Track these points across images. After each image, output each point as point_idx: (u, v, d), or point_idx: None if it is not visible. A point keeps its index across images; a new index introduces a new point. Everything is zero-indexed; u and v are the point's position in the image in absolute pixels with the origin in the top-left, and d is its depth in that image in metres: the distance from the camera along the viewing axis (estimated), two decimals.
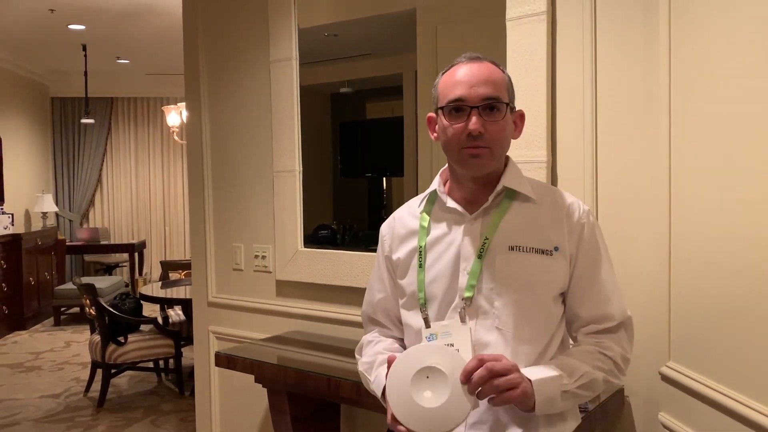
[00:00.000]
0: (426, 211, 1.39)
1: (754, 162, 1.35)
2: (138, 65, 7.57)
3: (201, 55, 2.88)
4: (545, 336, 1.30)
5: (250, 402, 2.74)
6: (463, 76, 1.28)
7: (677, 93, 1.66)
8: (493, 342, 1.27)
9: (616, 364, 1.29)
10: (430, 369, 1.15)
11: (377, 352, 1.42)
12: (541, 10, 1.93)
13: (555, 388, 1.20)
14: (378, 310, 1.49)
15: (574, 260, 1.31)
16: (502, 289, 1.27)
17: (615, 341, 1.30)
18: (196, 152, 2.93)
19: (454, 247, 1.32)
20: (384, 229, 1.49)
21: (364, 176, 3.05)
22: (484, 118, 1.25)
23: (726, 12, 1.45)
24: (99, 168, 8.56)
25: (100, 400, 4.26)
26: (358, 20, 2.70)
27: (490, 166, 1.30)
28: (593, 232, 1.33)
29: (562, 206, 1.32)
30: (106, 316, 4.23)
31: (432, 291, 1.33)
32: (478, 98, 1.25)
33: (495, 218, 1.31)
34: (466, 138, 1.26)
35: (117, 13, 5.45)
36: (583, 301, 1.31)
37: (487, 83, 1.27)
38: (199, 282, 2.96)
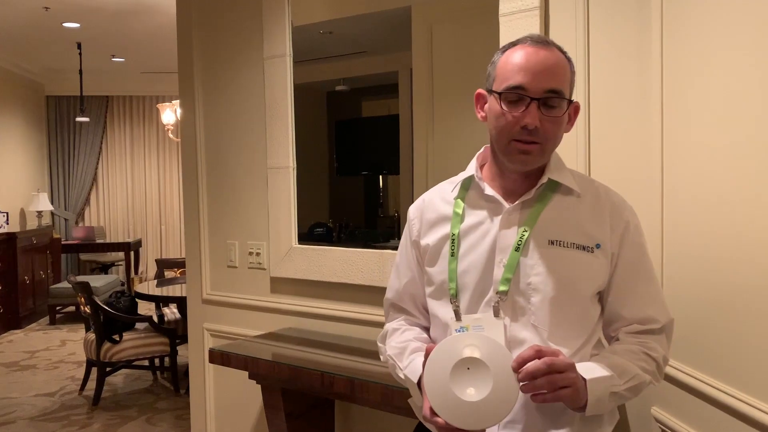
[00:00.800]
0: (461, 197, 1.30)
1: (747, 157, 1.35)
2: (133, 63, 7.56)
3: (195, 53, 2.88)
4: (582, 336, 1.24)
5: (245, 399, 2.73)
6: (528, 62, 1.17)
7: (670, 88, 1.66)
8: (528, 339, 1.20)
9: (659, 366, 1.24)
10: (472, 360, 1.08)
11: (407, 339, 1.34)
12: (534, 5, 1.93)
13: (605, 389, 1.14)
14: (405, 297, 1.41)
15: (616, 259, 1.24)
16: (540, 285, 1.21)
17: (658, 342, 1.25)
18: (190, 149, 2.93)
19: (490, 237, 1.25)
20: (412, 212, 1.39)
21: (360, 174, 3.05)
22: (542, 112, 1.17)
23: (718, 6, 1.45)
24: (94, 166, 8.53)
25: (95, 398, 4.25)
26: (353, 18, 2.70)
27: (538, 162, 1.23)
28: (637, 232, 1.27)
29: (606, 202, 1.26)
30: (101, 314, 4.22)
31: (464, 282, 1.25)
32: (540, 90, 1.16)
33: (535, 210, 1.24)
34: (519, 130, 1.17)
35: (112, 12, 5.44)
36: (627, 302, 1.25)
37: (553, 75, 1.18)
38: (193, 279, 2.96)
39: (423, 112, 2.55)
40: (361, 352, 2.27)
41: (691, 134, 1.57)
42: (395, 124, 2.61)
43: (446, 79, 2.47)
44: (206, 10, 2.84)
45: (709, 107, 1.49)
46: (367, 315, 2.40)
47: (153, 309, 5.33)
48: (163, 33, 5.89)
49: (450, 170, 1.35)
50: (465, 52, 2.40)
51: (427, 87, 2.53)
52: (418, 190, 2.61)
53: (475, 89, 1.29)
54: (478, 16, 2.23)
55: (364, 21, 2.69)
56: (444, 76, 2.47)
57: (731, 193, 1.40)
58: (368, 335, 2.39)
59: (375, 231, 2.93)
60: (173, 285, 4.87)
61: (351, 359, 2.21)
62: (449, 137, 2.44)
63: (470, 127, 2.48)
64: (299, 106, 2.64)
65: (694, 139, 1.56)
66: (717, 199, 1.45)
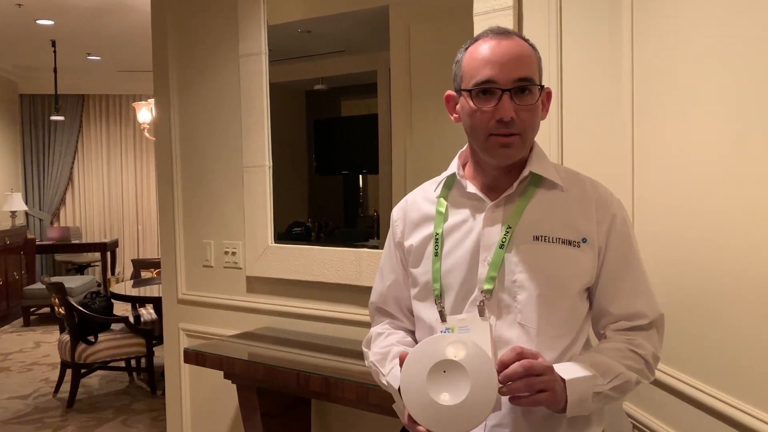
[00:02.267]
0: (443, 196, 1.28)
1: (717, 159, 1.37)
2: (109, 62, 7.47)
3: (170, 50, 2.85)
4: (570, 333, 1.21)
5: (221, 399, 2.72)
6: (493, 54, 1.15)
7: (640, 88, 1.68)
8: (515, 338, 1.18)
9: (648, 364, 1.20)
10: (448, 362, 1.05)
11: (390, 344, 1.32)
12: (508, 4, 1.94)
13: (588, 389, 1.11)
14: (389, 300, 1.38)
15: (603, 253, 1.21)
16: (525, 282, 1.18)
17: (647, 339, 1.21)
18: (165, 148, 2.90)
19: (474, 235, 1.22)
20: (395, 214, 1.37)
21: (340, 174, 3.04)
22: (515, 102, 1.14)
23: (686, 9, 1.47)
24: (70, 166, 8.42)
25: (70, 400, 4.20)
26: (331, 17, 2.69)
27: (520, 154, 1.20)
28: (625, 225, 1.23)
29: (592, 195, 1.23)
30: (76, 315, 4.16)
31: (448, 281, 1.22)
32: (510, 80, 1.14)
33: (519, 206, 1.21)
34: (495, 124, 1.15)
35: (87, 9, 5.37)
36: (614, 297, 1.22)
37: (520, 63, 1.15)
38: (168, 279, 2.93)
39: (401, 111, 2.55)
40: (338, 350, 2.27)
41: (662, 136, 1.59)
42: (374, 124, 2.60)
43: (424, 79, 2.47)
44: (181, 8, 2.81)
45: (678, 108, 1.51)
46: (344, 314, 2.40)
47: (129, 310, 5.27)
48: (140, 31, 5.82)
49: (428, 169, 1.33)
50: (442, 51, 2.39)
51: (405, 86, 2.53)
52: (396, 190, 2.62)
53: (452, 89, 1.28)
54: (454, 16, 2.24)
55: (343, 20, 2.68)
56: (422, 76, 2.47)
57: (701, 195, 1.42)
58: (345, 334, 2.39)
59: (355, 230, 2.93)
60: (150, 285, 4.82)
61: (327, 358, 2.21)
62: (427, 136, 2.45)
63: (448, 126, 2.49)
64: (278, 105, 2.62)
65: (664, 141, 1.58)
66: (687, 201, 1.47)
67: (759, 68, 1.21)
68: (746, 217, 1.26)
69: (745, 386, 1.28)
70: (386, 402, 1.86)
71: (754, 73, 1.23)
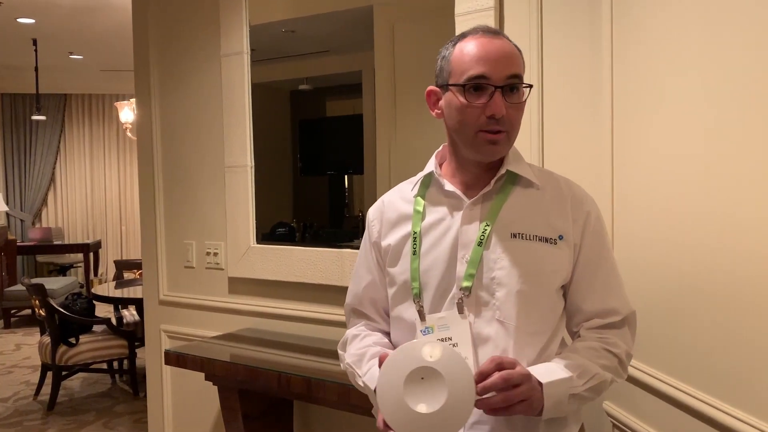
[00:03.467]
0: (421, 195, 1.28)
1: (694, 160, 1.38)
2: (92, 61, 7.39)
3: (151, 49, 2.83)
4: (548, 330, 1.21)
5: (203, 401, 2.70)
6: (486, 51, 1.16)
7: (619, 89, 1.69)
8: (494, 335, 1.18)
9: (621, 362, 1.21)
10: (426, 369, 1.03)
11: (367, 345, 1.31)
12: (489, 5, 1.94)
13: (564, 391, 1.11)
14: (365, 301, 1.37)
15: (578, 250, 1.22)
16: (504, 279, 1.18)
17: (620, 337, 1.22)
18: (147, 148, 2.88)
19: (452, 233, 1.22)
20: (372, 214, 1.36)
21: (326, 174, 3.04)
22: (505, 100, 1.15)
23: (665, 11, 1.48)
24: (52, 166, 8.34)
25: (51, 403, 4.15)
26: (315, 17, 2.68)
27: (505, 151, 1.21)
28: (599, 223, 1.25)
29: (567, 193, 1.24)
30: (57, 316, 4.12)
31: (427, 280, 1.22)
32: (502, 77, 1.15)
33: (496, 204, 1.22)
34: (486, 120, 1.15)
35: (68, 7, 5.31)
36: (587, 294, 1.23)
37: (511, 61, 1.17)
38: (150, 280, 2.91)
39: (385, 111, 2.55)
40: (319, 351, 2.26)
41: (641, 137, 1.60)
42: (360, 124, 2.60)
43: (408, 79, 2.47)
44: (162, 7, 2.79)
45: (657, 109, 1.52)
46: (327, 314, 2.39)
47: (112, 311, 5.23)
48: (123, 30, 5.77)
49: (412, 169, 1.33)
50: (426, 51, 2.39)
51: (390, 86, 2.53)
52: (381, 190, 2.60)
53: None
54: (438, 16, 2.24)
55: (327, 20, 2.68)
56: (406, 76, 2.47)
57: (677, 196, 1.43)
58: (327, 335, 2.38)
59: (340, 231, 2.92)
60: (133, 286, 4.78)
61: (309, 359, 2.20)
62: (411, 136, 2.45)
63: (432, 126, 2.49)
64: (262, 105, 2.61)
65: (643, 142, 1.59)
66: (664, 202, 1.48)
67: (735, 69, 1.23)
68: (720, 218, 1.27)
69: (719, 384, 1.29)
70: (368, 403, 1.86)
71: (730, 75, 1.24)
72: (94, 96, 8.47)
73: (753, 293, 1.18)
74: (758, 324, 1.16)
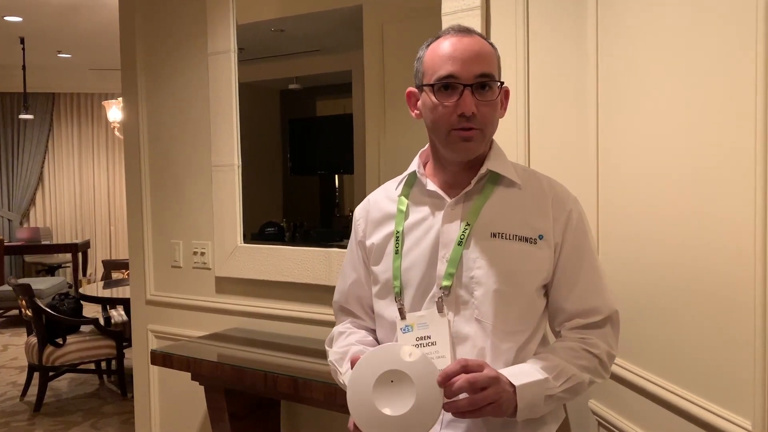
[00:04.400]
0: (404, 195, 1.29)
1: (673, 159, 1.39)
2: (80, 60, 7.35)
3: (138, 48, 2.81)
4: (527, 329, 1.22)
5: (190, 401, 2.69)
6: (455, 50, 1.17)
7: (604, 89, 1.70)
8: (472, 334, 1.19)
9: (602, 363, 1.20)
10: (395, 372, 1.04)
11: (350, 344, 1.33)
12: (475, 4, 1.94)
13: (539, 393, 1.11)
14: (350, 299, 1.39)
15: (559, 249, 1.22)
16: (482, 279, 1.19)
17: (601, 337, 1.21)
18: (134, 147, 2.87)
19: (433, 232, 1.23)
20: (358, 213, 1.39)
21: (316, 174, 3.03)
22: (476, 98, 1.16)
23: (649, 13, 1.49)
24: (40, 166, 8.28)
25: (37, 404, 4.12)
26: (305, 16, 2.67)
27: (480, 149, 1.22)
28: (581, 221, 1.25)
29: (549, 192, 1.24)
30: (44, 317, 4.09)
31: (408, 279, 1.24)
32: (471, 75, 1.16)
33: (477, 203, 1.23)
34: (457, 119, 1.17)
35: (56, 5, 5.28)
36: (569, 294, 1.23)
37: (481, 59, 1.17)
38: (137, 280, 2.89)
39: (375, 110, 2.55)
40: (306, 351, 2.25)
41: (625, 137, 1.60)
42: (350, 124, 2.60)
43: (397, 78, 2.47)
44: (150, 5, 2.78)
45: (641, 109, 1.53)
46: (314, 314, 2.39)
47: (100, 311, 5.20)
48: (111, 29, 5.72)
49: (402, 169, 1.34)
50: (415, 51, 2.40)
51: (379, 86, 2.53)
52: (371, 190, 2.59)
53: None
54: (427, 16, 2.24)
55: (316, 19, 2.67)
56: (395, 75, 2.47)
57: (659, 196, 1.43)
58: (314, 334, 2.37)
59: (330, 231, 2.92)
60: (121, 286, 4.76)
61: (295, 358, 2.20)
62: (401, 136, 2.45)
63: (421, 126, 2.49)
64: (252, 104, 2.60)
65: (627, 142, 1.59)
66: (647, 201, 1.49)
67: (717, 70, 1.23)
68: (703, 218, 1.28)
69: (702, 381, 1.30)
70: None
71: (714, 75, 1.25)
72: (82, 95, 8.42)
73: (735, 292, 1.18)
74: (740, 322, 1.17)
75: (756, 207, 1.11)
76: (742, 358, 1.16)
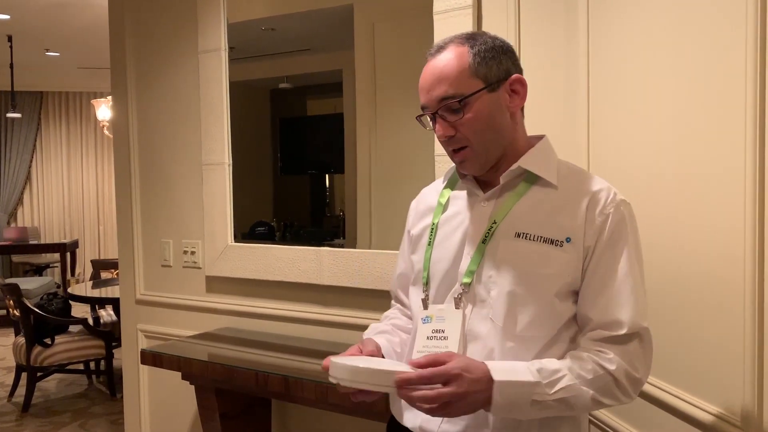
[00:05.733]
0: (449, 187, 1.32)
1: (662, 157, 1.39)
2: (69, 58, 7.29)
3: (128, 46, 2.80)
4: (543, 336, 1.15)
5: (180, 401, 2.67)
6: (422, 79, 1.21)
7: (595, 87, 1.71)
8: (484, 334, 1.17)
9: (617, 382, 1.10)
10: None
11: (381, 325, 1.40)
12: (467, 3, 1.95)
13: (524, 395, 1.06)
14: (399, 287, 1.44)
15: (590, 254, 1.15)
16: (499, 278, 1.17)
17: (622, 355, 1.11)
18: (123, 145, 2.85)
19: (463, 228, 1.24)
20: (412, 204, 1.43)
21: (307, 173, 3.03)
22: (448, 121, 1.17)
23: (637, 5, 1.50)
24: (28, 165, 8.22)
25: (25, 404, 4.09)
26: (295, 15, 2.67)
27: (480, 162, 1.20)
28: (621, 225, 1.16)
29: (586, 193, 1.17)
30: (32, 317, 4.06)
31: (435, 271, 1.25)
32: (434, 102, 1.18)
33: (509, 201, 1.20)
34: (444, 144, 1.21)
35: (44, 3, 5.23)
36: (594, 302, 1.15)
37: (440, 82, 1.16)
38: (126, 279, 2.87)
39: (366, 110, 2.54)
40: (298, 350, 2.25)
41: (616, 134, 1.61)
42: (340, 123, 2.59)
43: (388, 78, 2.47)
44: (139, 3, 2.76)
45: (631, 108, 1.53)
46: (305, 313, 2.38)
47: (89, 311, 5.16)
48: (100, 27, 5.69)
49: (393, 168, 1.35)
50: (406, 50, 2.40)
51: (370, 85, 2.52)
52: (361, 189, 2.61)
53: (416, 88, 1.27)
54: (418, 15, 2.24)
55: (307, 18, 2.67)
56: (386, 75, 2.47)
57: (649, 194, 1.44)
58: (305, 333, 2.37)
59: (321, 230, 2.91)
60: (110, 286, 4.73)
61: (286, 358, 2.19)
62: (391, 135, 2.45)
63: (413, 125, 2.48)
64: (242, 103, 2.59)
65: (618, 139, 1.60)
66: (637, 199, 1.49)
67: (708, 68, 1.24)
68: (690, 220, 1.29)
69: (691, 379, 1.30)
70: (346, 401, 1.86)
71: (704, 73, 1.25)
72: (70, 93, 8.36)
73: (725, 290, 1.19)
74: (730, 321, 1.18)
75: (745, 207, 1.12)
76: (732, 355, 1.17)
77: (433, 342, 1.20)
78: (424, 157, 2.06)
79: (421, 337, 1.22)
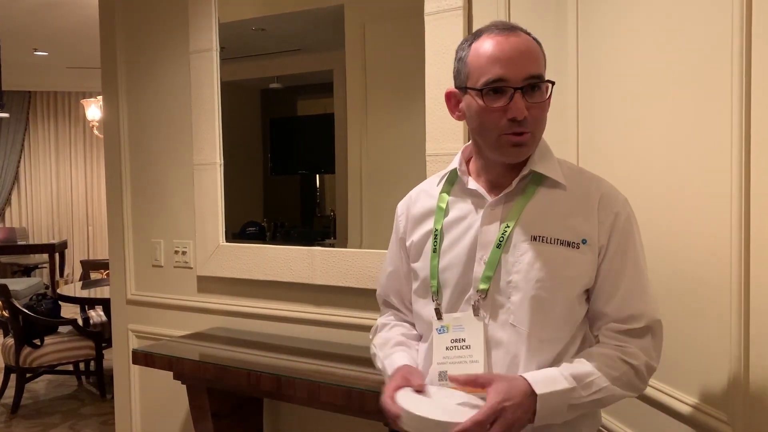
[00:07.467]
0: (445, 191, 1.26)
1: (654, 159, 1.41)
2: (58, 58, 7.24)
3: (118, 46, 2.79)
4: (565, 336, 1.17)
5: (172, 401, 2.67)
6: (502, 51, 1.12)
7: (584, 86, 1.72)
8: (506, 340, 1.16)
9: (639, 374, 1.14)
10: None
11: (393, 335, 1.34)
12: (458, 5, 1.96)
13: (563, 401, 1.09)
14: (390, 293, 1.39)
15: (603, 253, 1.17)
16: (520, 284, 1.15)
17: (641, 347, 1.15)
18: (114, 145, 2.84)
19: (472, 232, 1.20)
20: (399, 209, 1.36)
21: (297, 173, 3.03)
22: (526, 100, 1.12)
23: (626, 6, 1.51)
24: (16, 165, 8.16)
25: (14, 406, 4.06)
26: (286, 15, 2.67)
27: (530, 151, 1.18)
28: (628, 224, 1.18)
29: (595, 194, 1.18)
30: (21, 317, 4.04)
31: (445, 278, 1.22)
32: (521, 78, 1.11)
33: (519, 204, 1.18)
34: (507, 123, 1.12)
35: (32, 3, 5.20)
36: (610, 298, 1.17)
37: (530, 59, 1.13)
38: (117, 279, 2.87)
39: (356, 110, 2.55)
40: (289, 350, 2.26)
41: (605, 133, 1.63)
42: (331, 123, 2.60)
43: (379, 78, 2.48)
44: (130, 2, 2.76)
45: (621, 106, 1.55)
46: (297, 312, 2.39)
47: (78, 312, 5.14)
48: (90, 26, 5.67)
49: (383, 168, 1.32)
50: (397, 51, 2.41)
51: (361, 85, 2.53)
52: (352, 189, 2.62)
53: (408, 88, 1.26)
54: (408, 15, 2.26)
55: (298, 19, 2.67)
56: (377, 75, 2.48)
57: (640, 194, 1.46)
58: (297, 333, 2.38)
59: (311, 230, 2.92)
60: (99, 287, 4.71)
61: (278, 357, 2.19)
62: (382, 135, 2.46)
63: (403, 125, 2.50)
64: (232, 103, 2.60)
65: (607, 138, 1.62)
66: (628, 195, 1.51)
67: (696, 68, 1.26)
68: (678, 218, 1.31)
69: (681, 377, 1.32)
70: (337, 400, 1.87)
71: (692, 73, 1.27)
72: (59, 93, 8.31)
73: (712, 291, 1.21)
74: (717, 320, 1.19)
75: (732, 208, 1.14)
76: (719, 354, 1.18)
77: (455, 352, 1.18)
78: (415, 157, 2.07)
79: (439, 349, 1.20)
